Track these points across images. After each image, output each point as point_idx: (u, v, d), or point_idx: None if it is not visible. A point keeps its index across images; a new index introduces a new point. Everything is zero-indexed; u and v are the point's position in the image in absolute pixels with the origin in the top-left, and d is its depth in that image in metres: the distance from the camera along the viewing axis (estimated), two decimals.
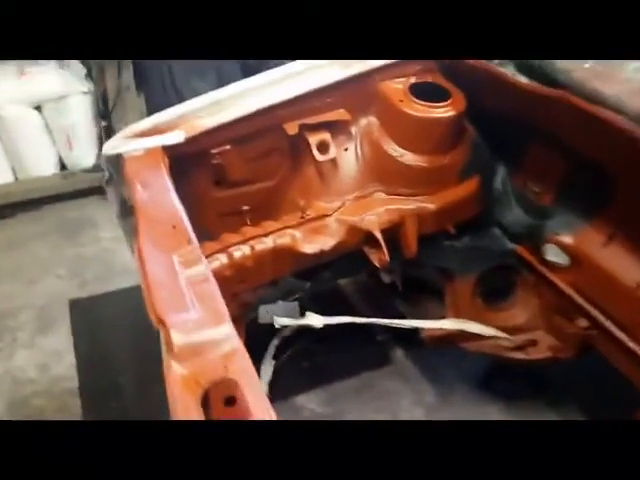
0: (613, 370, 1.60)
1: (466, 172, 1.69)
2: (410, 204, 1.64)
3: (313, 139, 1.61)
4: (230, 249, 1.51)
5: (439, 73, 1.70)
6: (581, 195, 1.57)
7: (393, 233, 1.63)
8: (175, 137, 1.44)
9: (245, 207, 1.66)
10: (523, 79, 1.52)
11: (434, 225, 1.67)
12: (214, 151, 1.52)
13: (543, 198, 1.70)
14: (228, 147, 1.54)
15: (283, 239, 1.57)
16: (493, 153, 1.77)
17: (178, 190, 1.27)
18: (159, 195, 1.26)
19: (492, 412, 2.10)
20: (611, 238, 1.52)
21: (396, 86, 1.64)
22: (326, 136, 1.62)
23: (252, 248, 1.52)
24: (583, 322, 1.65)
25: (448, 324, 1.76)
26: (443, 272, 1.84)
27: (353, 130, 1.68)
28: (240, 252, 1.51)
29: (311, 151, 1.63)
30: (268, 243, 1.54)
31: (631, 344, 1.49)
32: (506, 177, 1.78)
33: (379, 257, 1.62)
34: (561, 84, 1.44)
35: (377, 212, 1.63)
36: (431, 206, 1.65)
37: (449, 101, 1.59)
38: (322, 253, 1.59)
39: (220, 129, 1.49)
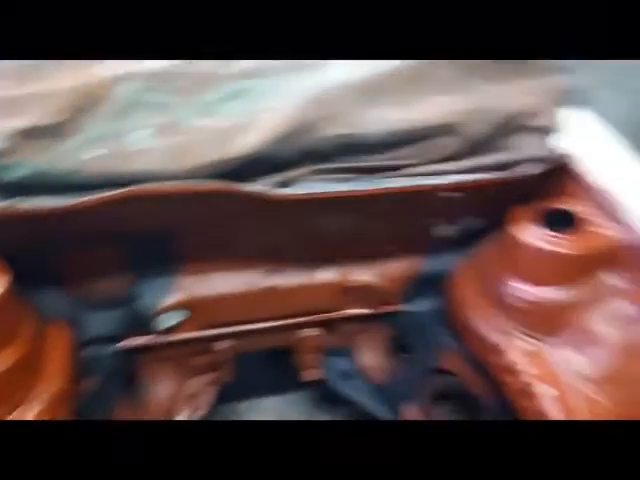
0: None
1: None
2: None
3: None
4: None
5: None
6: (157, 260, 1.45)
7: None
8: None
9: None
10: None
11: None
12: None
13: (117, 287, 1.48)
14: None
15: None
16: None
17: None
18: None
19: None
20: (203, 271, 1.51)
21: None
22: None
23: None
24: (224, 344, 1.64)
25: None
26: None
27: None
28: None
29: None
30: None
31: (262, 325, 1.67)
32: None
33: None
34: (81, 184, 1.21)
35: None
36: None
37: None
38: None
39: None
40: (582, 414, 1.29)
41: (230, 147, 1.29)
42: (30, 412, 1.18)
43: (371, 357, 1.90)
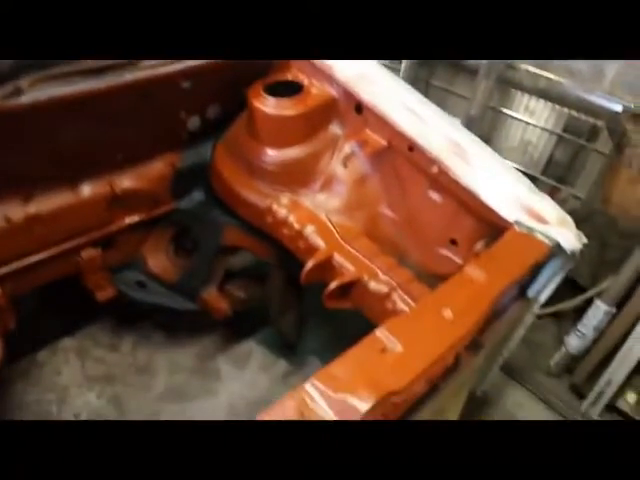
0: None
1: None
2: None
3: None
4: None
5: None
6: None
7: None
8: None
9: None
10: None
11: None
12: None
13: None
14: None
15: None
16: None
17: None
18: None
19: None
20: None
21: None
22: None
23: None
24: None
25: None
26: None
27: None
28: None
29: None
30: None
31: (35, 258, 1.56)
32: None
33: None
34: None
35: None
36: None
37: None
38: None
39: None
40: (340, 237, 1.56)
41: None
42: None
43: (159, 260, 1.94)
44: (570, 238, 1.27)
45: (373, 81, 1.61)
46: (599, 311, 2.06)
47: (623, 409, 2.06)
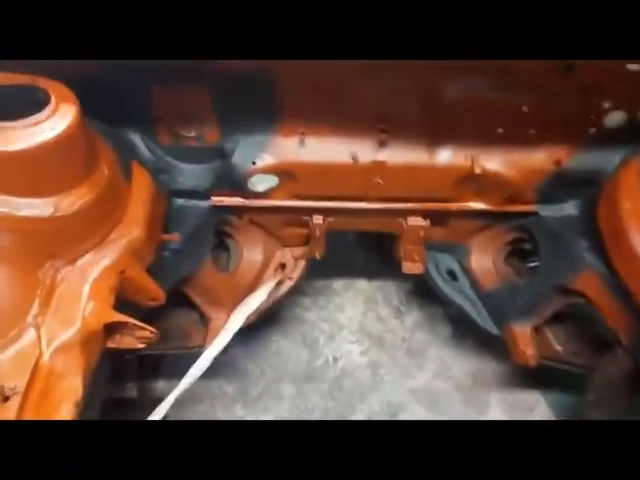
0: None
1: None
2: None
3: None
4: None
5: None
6: (252, 109, 1.16)
7: None
8: None
9: None
10: None
11: None
12: None
13: (208, 138, 1.23)
14: None
15: None
16: None
17: None
18: None
19: None
20: (303, 134, 1.20)
21: None
22: None
23: None
24: (318, 218, 1.37)
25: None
26: None
27: None
28: None
29: None
30: None
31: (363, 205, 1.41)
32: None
33: None
34: None
35: None
36: None
37: None
38: None
39: None
40: None
41: None
42: (108, 256, 1.05)
43: (484, 260, 1.57)
44: None
45: None
46: None
47: None
